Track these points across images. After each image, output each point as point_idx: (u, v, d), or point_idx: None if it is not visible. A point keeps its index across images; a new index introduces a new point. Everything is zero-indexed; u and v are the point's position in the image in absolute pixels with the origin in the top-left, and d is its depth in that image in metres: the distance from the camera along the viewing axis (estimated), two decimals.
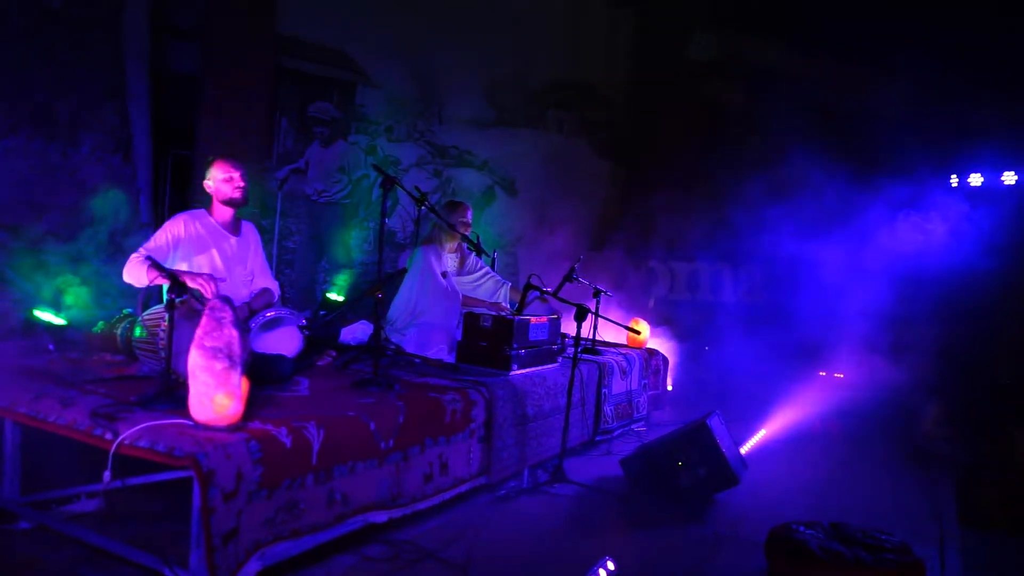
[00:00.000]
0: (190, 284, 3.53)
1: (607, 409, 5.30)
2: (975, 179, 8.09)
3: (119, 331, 4.07)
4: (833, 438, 6.24)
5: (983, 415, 6.38)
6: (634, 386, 5.73)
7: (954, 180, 8.19)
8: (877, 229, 7.30)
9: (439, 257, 5.14)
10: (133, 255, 3.69)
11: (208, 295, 3.60)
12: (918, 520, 4.36)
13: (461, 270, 5.42)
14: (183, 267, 3.92)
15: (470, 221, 5.25)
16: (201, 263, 3.97)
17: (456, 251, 5.35)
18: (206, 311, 2.89)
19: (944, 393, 6.40)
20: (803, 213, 7.67)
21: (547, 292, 4.99)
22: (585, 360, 5.16)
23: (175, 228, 3.94)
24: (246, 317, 3.93)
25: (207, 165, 4.10)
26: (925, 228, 7.12)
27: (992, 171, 8.08)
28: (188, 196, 5.78)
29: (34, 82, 5.04)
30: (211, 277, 3.64)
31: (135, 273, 3.62)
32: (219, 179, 4.04)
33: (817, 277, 7.49)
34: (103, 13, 5.40)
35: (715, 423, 4.36)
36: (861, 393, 6.98)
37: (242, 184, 4.07)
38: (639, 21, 10.42)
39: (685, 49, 10.32)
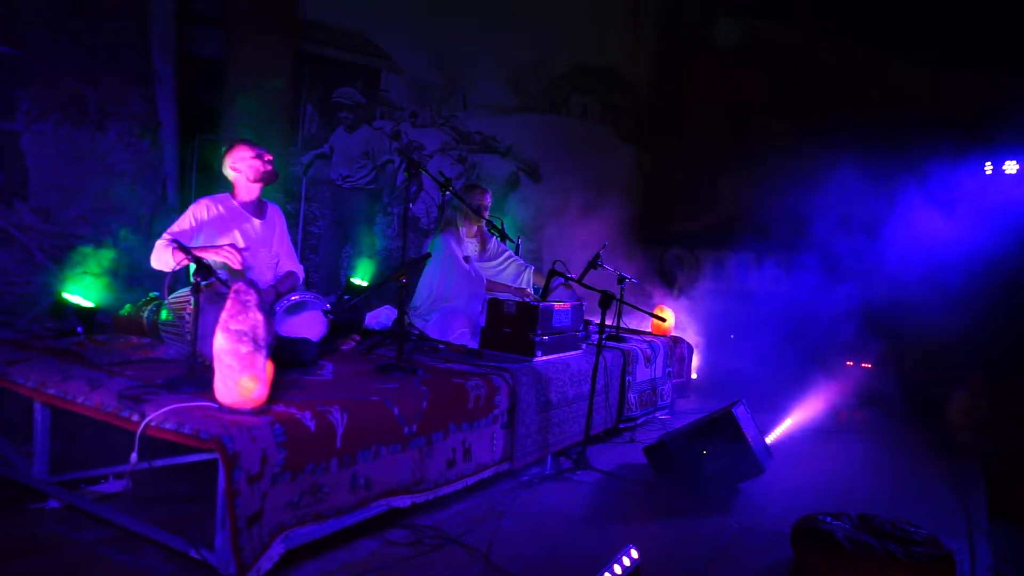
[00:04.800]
0: (215, 257, 3.56)
1: (631, 396, 5.27)
2: (1010, 166, 7.91)
3: (145, 314, 4.11)
4: (860, 428, 6.16)
5: (1013, 405, 6.27)
6: (658, 374, 5.69)
7: (988, 167, 8.02)
8: (907, 216, 7.17)
9: (459, 242, 5.12)
10: (159, 240, 3.71)
11: (236, 265, 3.63)
12: (947, 512, 4.29)
13: (483, 255, 5.40)
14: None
15: (488, 204, 5.21)
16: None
17: (476, 236, 5.32)
18: (231, 294, 2.89)
19: (973, 382, 6.29)
20: (831, 201, 7.55)
21: (571, 278, 4.96)
22: (609, 347, 5.13)
23: (199, 211, 3.95)
24: (272, 300, 3.95)
25: (224, 153, 4.08)
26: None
27: None
28: (214, 180, 5.81)
29: (62, 69, 5.08)
30: (234, 247, 3.66)
31: (162, 257, 3.64)
32: (249, 158, 4.02)
33: (845, 264, 7.38)
34: (130, 1, 5.42)
35: (740, 412, 4.32)
36: (888, 382, 6.88)
37: (272, 157, 4.10)
38: (664, 5, 10.30)
39: (711, 34, 10.19)
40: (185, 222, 3.91)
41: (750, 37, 10.10)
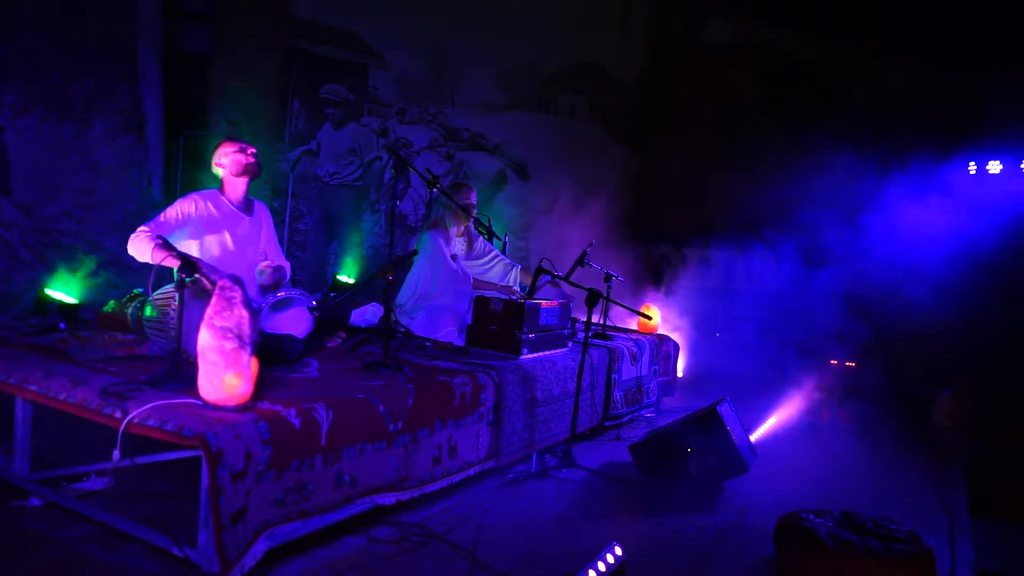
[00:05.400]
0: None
1: (617, 394, 5.29)
2: (994, 166, 7.99)
3: (130, 310, 4.09)
4: (844, 426, 6.20)
5: (997, 404, 6.33)
6: (644, 372, 5.71)
7: (972, 167, 8.09)
8: (893, 215, 7.23)
9: (447, 241, 5.12)
10: (140, 228, 3.67)
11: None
12: (929, 510, 4.33)
13: (469, 254, 5.40)
14: (192, 244, 3.92)
15: (474, 203, 5.22)
16: (211, 243, 3.98)
17: (463, 235, 5.31)
18: (216, 291, 2.88)
19: (958, 383, 6.35)
20: (820, 199, 7.60)
21: (558, 276, 4.97)
22: (596, 345, 5.14)
23: (186, 206, 3.93)
24: (264, 285, 3.94)
25: (213, 149, 4.11)
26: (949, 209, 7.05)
27: (1012, 158, 7.98)
28: (201, 177, 5.79)
29: (48, 64, 5.04)
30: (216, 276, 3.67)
31: (140, 248, 3.59)
32: (232, 152, 4.04)
33: (832, 263, 7.42)
34: None
35: (725, 410, 4.34)
36: (873, 381, 6.93)
37: (255, 150, 4.10)
38: (654, 4, 10.32)
39: (701, 33, 10.22)
40: (170, 214, 3.89)
41: (741, 37, 10.14)
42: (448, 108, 8.19)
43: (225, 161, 4.05)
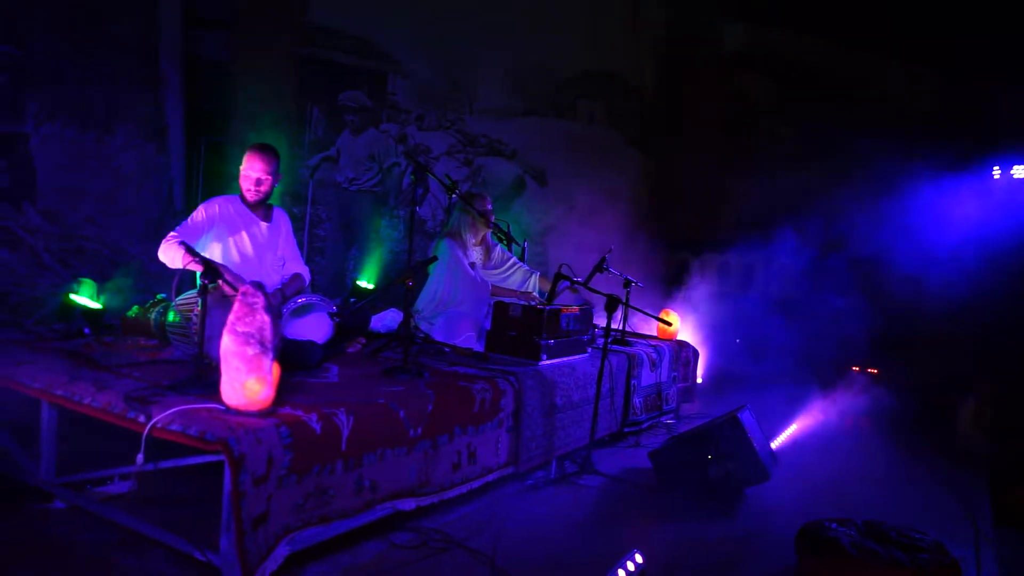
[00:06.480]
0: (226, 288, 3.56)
1: (636, 401, 5.26)
2: (1019, 171, 7.89)
3: (153, 315, 4.12)
4: (866, 435, 6.14)
5: (1020, 411, 6.25)
6: (664, 378, 5.68)
7: (996, 172, 8.00)
8: (915, 218, 7.16)
9: (465, 250, 5.13)
10: (169, 235, 3.76)
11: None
12: (953, 519, 4.28)
13: (487, 263, 5.39)
14: (216, 248, 3.96)
15: (490, 210, 5.23)
16: (231, 247, 4.01)
17: (481, 243, 5.31)
18: (239, 297, 2.90)
19: (982, 389, 6.27)
20: (838, 203, 7.54)
21: (577, 282, 4.96)
22: (615, 351, 5.12)
23: (210, 210, 3.98)
24: (279, 303, 3.96)
25: (245, 152, 4.11)
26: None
27: None
28: (221, 183, 5.83)
29: (70, 72, 5.11)
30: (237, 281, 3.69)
31: (169, 254, 3.67)
32: (242, 172, 4.07)
33: (853, 267, 7.36)
34: (138, 4, 5.45)
35: (746, 417, 4.30)
36: (895, 388, 6.86)
37: (263, 188, 4.06)
38: (669, 10, 10.30)
39: (716, 39, 10.19)
40: (197, 217, 3.95)
41: (755, 43, 10.11)
42: (466, 114, 8.21)
43: (241, 176, 4.08)
